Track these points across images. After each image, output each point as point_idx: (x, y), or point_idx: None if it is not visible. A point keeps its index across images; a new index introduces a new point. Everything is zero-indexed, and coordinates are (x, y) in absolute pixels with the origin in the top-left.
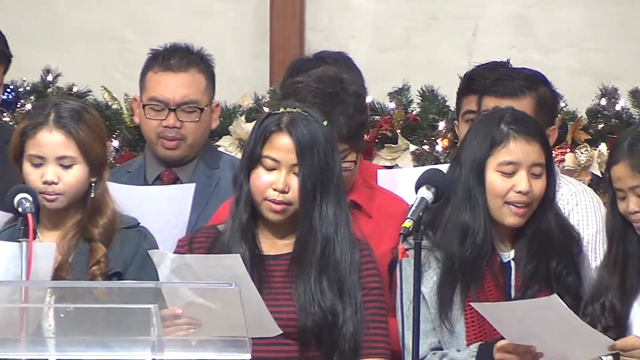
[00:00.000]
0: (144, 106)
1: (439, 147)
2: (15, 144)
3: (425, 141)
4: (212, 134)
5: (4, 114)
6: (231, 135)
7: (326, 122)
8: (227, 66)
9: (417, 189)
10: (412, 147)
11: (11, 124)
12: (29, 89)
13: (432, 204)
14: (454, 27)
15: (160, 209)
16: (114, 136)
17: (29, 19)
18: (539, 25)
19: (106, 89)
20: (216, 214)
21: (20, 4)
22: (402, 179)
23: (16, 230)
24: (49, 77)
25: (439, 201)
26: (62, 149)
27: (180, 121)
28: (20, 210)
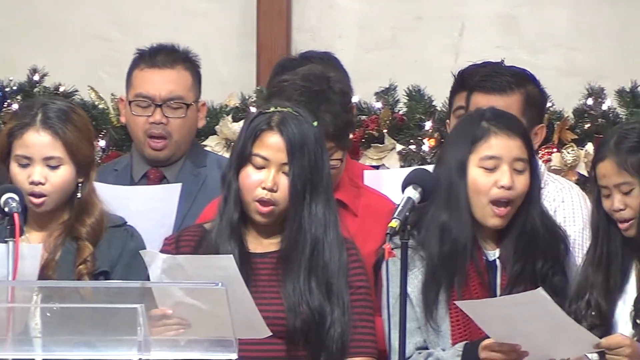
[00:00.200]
0: (130, 103)
1: (425, 147)
2: (2, 144)
3: (411, 141)
4: (198, 133)
5: None
6: (218, 135)
7: (316, 122)
8: (213, 66)
9: (403, 188)
10: (399, 147)
11: None
12: (15, 88)
13: (419, 204)
14: (441, 26)
15: (146, 209)
16: (101, 136)
17: (15, 19)
18: (526, 25)
19: (93, 89)
20: (203, 213)
21: (6, 4)
22: (387, 179)
23: (2, 229)
24: (36, 77)
25: (425, 201)
26: (49, 149)
27: (166, 117)
28: (6, 210)
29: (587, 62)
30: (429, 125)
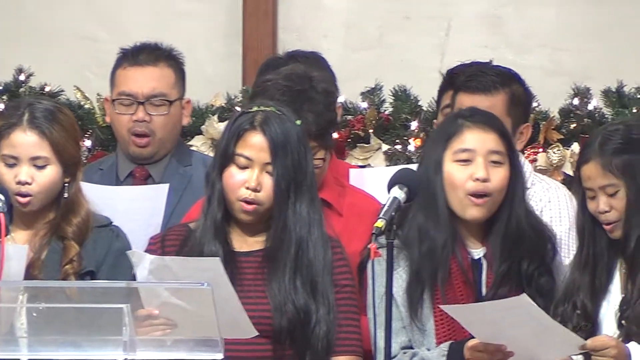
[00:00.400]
0: (113, 102)
1: (411, 147)
2: None
3: (397, 141)
4: (184, 133)
5: None
6: (204, 134)
7: (299, 121)
8: (199, 66)
9: (389, 188)
10: (385, 147)
11: None
12: (1, 88)
13: (405, 204)
14: (427, 26)
15: (133, 209)
16: (87, 136)
17: (1, 19)
18: (512, 25)
19: (79, 89)
20: (189, 212)
21: None
22: (372, 178)
23: None
24: (22, 77)
25: (411, 201)
26: (35, 149)
27: (149, 115)
28: None
29: (573, 62)
30: (414, 125)
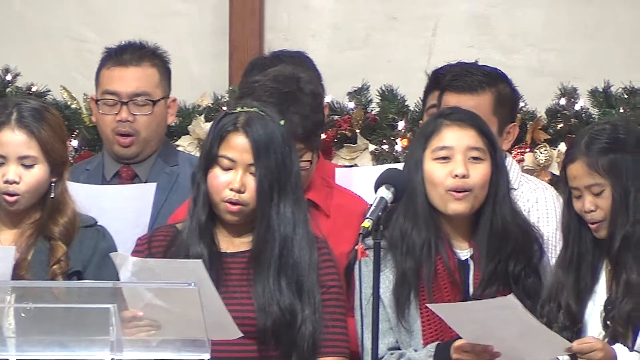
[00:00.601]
0: (97, 102)
1: (398, 147)
2: None
3: (384, 141)
4: (171, 133)
5: None
6: (190, 135)
7: (283, 122)
8: (186, 66)
9: (376, 188)
10: (372, 147)
11: None
12: None
13: (392, 204)
14: (414, 26)
15: (121, 208)
16: (73, 136)
17: None
18: (499, 25)
19: (65, 89)
20: (175, 213)
21: None
22: (358, 177)
23: None
24: (8, 77)
25: (398, 201)
26: (24, 148)
27: (132, 115)
28: None
29: (560, 62)
30: (401, 125)
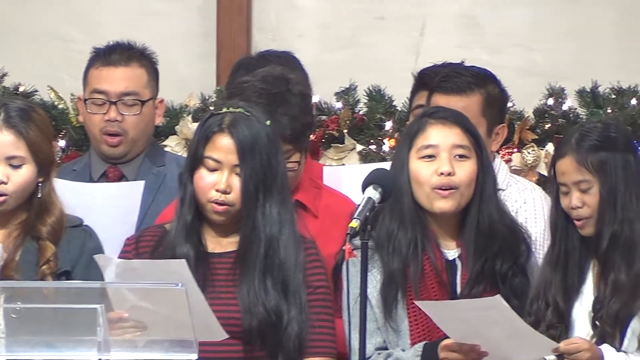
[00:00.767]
0: (85, 101)
1: (385, 147)
2: None
3: (372, 141)
4: (158, 133)
5: None
6: (178, 135)
7: (269, 122)
8: (173, 66)
9: (364, 188)
10: (359, 147)
11: None
12: None
13: (379, 204)
14: (401, 26)
15: (109, 206)
16: (60, 136)
17: None
18: (487, 24)
19: (52, 89)
20: (163, 213)
21: None
22: (347, 176)
23: None
24: None
25: (386, 201)
26: (11, 149)
27: (121, 114)
28: None
29: (548, 62)
30: (389, 125)
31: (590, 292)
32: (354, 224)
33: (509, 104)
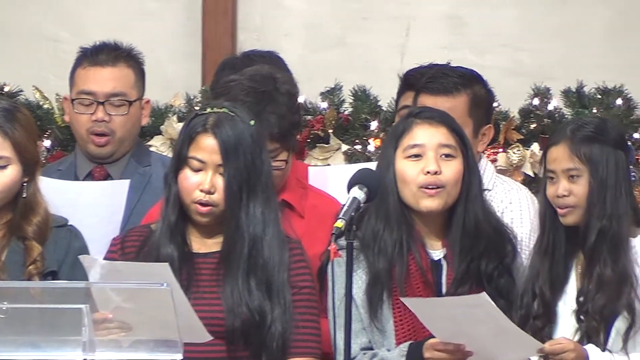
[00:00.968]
0: (72, 101)
1: (371, 147)
2: None
3: (357, 141)
4: (143, 133)
5: None
6: (163, 135)
7: (254, 122)
8: (159, 66)
9: (349, 188)
10: (344, 147)
11: None
12: None
13: (365, 204)
14: (387, 26)
15: (94, 205)
16: (45, 136)
17: None
18: (473, 25)
19: (38, 89)
20: (149, 213)
21: None
22: (332, 176)
23: None
24: None
25: (371, 201)
26: None
27: (109, 115)
28: None
29: (534, 62)
30: (374, 125)
31: (573, 291)
32: (339, 224)
33: (495, 104)
